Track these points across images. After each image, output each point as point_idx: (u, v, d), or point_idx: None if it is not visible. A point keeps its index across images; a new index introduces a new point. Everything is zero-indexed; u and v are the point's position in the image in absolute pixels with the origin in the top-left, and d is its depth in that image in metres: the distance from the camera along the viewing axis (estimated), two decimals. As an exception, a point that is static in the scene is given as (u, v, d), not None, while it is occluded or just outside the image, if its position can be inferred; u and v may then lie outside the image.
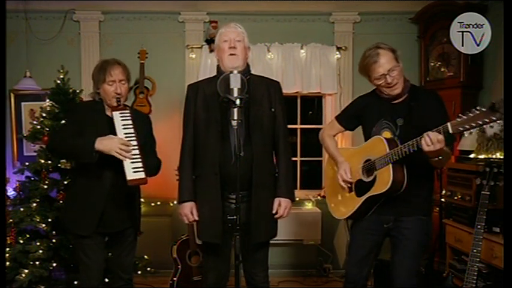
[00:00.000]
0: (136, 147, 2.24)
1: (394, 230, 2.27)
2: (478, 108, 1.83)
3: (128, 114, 2.31)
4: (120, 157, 2.18)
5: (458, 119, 1.86)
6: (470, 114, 1.83)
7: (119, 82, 2.34)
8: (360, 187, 2.31)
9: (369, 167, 2.26)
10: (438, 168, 2.14)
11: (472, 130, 1.84)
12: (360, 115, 2.39)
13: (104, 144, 2.19)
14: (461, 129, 1.85)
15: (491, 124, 1.83)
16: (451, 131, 1.88)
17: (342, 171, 2.36)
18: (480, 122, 1.81)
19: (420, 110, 2.17)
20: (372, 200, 2.25)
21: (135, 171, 2.18)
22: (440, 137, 1.89)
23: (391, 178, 2.11)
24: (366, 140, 2.35)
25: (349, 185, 2.36)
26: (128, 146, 2.20)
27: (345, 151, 2.51)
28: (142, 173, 2.20)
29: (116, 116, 2.29)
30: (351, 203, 2.35)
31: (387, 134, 2.24)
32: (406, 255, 2.23)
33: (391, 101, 2.25)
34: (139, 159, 2.22)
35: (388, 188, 2.13)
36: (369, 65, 2.18)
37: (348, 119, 2.48)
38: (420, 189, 2.23)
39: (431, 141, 1.91)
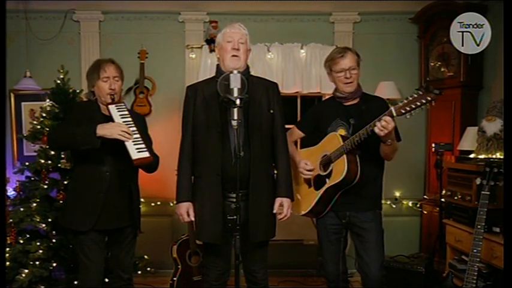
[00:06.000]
0: (136, 132, 2.31)
1: (353, 225, 2.45)
2: (415, 91, 2.08)
3: (124, 106, 2.40)
4: (123, 138, 2.23)
5: (400, 103, 2.12)
6: (410, 98, 2.08)
7: (112, 79, 2.41)
8: (319, 181, 2.48)
9: (326, 162, 2.44)
10: (388, 159, 2.45)
11: (412, 112, 2.08)
12: (317, 117, 2.59)
13: (105, 128, 2.24)
14: (403, 111, 2.10)
15: (490, 124, 1.89)
16: (395, 114, 2.13)
17: (302, 164, 2.52)
18: (418, 103, 2.05)
19: (370, 112, 2.36)
20: (330, 193, 2.40)
21: (139, 151, 2.26)
22: (389, 118, 2.13)
23: (346, 167, 2.30)
24: (322, 139, 2.52)
25: (311, 173, 2.50)
26: (129, 129, 2.27)
27: (304, 152, 2.65)
28: (146, 152, 2.28)
29: (112, 108, 2.36)
30: (310, 198, 2.50)
31: (342, 132, 2.44)
32: (371, 247, 2.40)
33: (345, 103, 2.48)
34: (141, 141, 2.30)
35: (343, 176, 2.30)
36: (336, 58, 2.43)
37: (306, 122, 2.69)
38: (371, 185, 2.44)
39: (383, 123, 2.13)
